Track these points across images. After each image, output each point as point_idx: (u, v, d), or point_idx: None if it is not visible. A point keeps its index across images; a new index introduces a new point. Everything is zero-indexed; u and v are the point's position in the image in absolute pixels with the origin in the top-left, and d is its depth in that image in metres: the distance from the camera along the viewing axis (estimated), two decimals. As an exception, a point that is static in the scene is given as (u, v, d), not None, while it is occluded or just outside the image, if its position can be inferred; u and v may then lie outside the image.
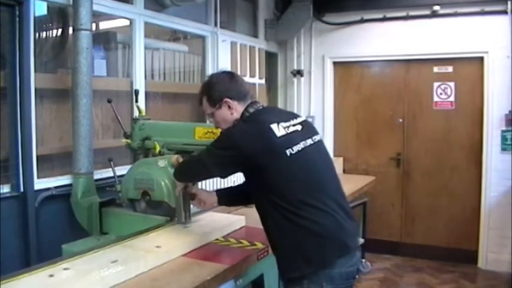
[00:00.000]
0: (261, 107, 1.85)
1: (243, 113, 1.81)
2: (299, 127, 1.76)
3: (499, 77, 4.28)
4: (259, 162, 1.65)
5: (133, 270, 1.61)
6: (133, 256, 1.72)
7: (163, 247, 1.82)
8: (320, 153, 1.79)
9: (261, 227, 1.77)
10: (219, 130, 1.92)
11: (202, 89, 1.90)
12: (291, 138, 1.70)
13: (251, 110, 1.81)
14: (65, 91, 2.75)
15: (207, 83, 1.90)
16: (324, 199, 1.66)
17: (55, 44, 2.87)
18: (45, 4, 2.77)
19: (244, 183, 1.89)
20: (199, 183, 2.42)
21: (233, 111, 1.81)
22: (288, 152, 1.66)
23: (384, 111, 4.84)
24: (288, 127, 1.73)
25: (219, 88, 1.84)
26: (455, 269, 4.35)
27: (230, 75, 1.92)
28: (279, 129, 1.69)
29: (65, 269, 1.60)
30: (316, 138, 1.79)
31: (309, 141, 1.74)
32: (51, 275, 1.54)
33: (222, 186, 2.40)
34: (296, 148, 1.68)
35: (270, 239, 1.75)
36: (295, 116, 1.84)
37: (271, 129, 1.67)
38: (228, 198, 2.12)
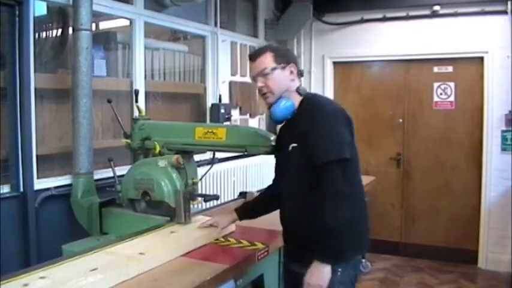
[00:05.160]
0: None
1: (298, 89, 1.76)
2: None
3: (499, 77, 4.28)
4: None
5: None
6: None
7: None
8: None
9: (261, 227, 1.77)
10: (221, 130, 1.87)
11: (267, 46, 1.82)
12: None
13: (303, 90, 1.77)
14: (65, 91, 2.75)
15: (274, 44, 1.84)
16: None
17: (55, 44, 2.87)
18: (45, 4, 2.77)
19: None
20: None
21: (294, 78, 1.76)
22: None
23: (384, 111, 4.84)
24: None
25: (289, 52, 1.81)
26: (455, 269, 4.35)
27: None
28: None
29: (41, 277, 1.48)
30: None
31: None
32: (25, 285, 1.42)
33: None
34: None
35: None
36: None
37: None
38: (249, 212, 2.05)
